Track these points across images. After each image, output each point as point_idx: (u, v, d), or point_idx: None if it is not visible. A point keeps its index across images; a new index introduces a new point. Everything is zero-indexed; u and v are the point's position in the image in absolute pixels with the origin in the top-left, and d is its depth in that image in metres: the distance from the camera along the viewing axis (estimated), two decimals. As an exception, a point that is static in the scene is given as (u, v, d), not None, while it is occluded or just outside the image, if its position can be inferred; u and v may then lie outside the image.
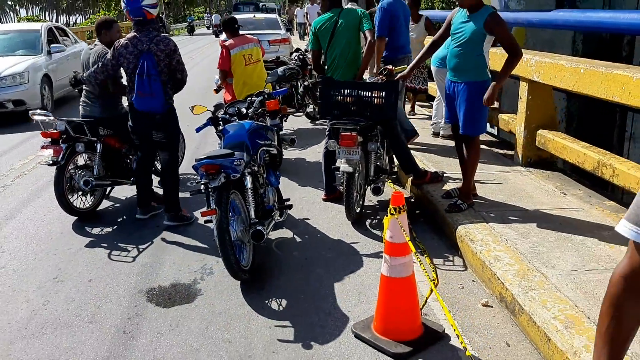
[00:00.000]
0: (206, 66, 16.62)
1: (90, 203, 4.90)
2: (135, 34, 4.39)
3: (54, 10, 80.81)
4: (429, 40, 5.36)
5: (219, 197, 3.36)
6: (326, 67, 4.93)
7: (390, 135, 4.68)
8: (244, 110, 4.41)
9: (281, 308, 3.31)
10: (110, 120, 4.82)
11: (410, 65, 4.48)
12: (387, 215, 2.83)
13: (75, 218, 4.78)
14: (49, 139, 4.49)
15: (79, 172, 4.75)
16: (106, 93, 4.80)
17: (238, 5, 33.11)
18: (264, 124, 4.35)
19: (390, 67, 4.83)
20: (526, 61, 5.00)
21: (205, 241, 4.27)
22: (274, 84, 7.37)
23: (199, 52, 23.53)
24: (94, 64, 4.70)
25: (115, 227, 4.68)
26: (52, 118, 4.57)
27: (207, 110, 4.52)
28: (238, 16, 14.55)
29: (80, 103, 4.93)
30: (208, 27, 44.30)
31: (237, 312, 3.26)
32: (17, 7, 78.80)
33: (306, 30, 24.62)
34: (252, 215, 3.66)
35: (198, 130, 4.37)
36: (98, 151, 4.77)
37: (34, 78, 9.54)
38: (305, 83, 8.26)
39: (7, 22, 68.96)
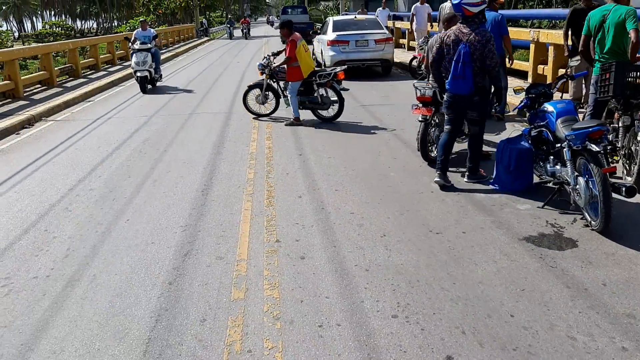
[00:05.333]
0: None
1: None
2: (459, 26, 5.21)
3: (69, 15, 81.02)
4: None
5: (604, 157, 4.18)
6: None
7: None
8: (546, 90, 5.24)
9: None
10: None
11: None
12: None
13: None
14: (421, 103, 5.86)
15: (433, 129, 6.10)
16: None
17: (286, 9, 35.35)
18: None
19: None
20: None
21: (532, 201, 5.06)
22: None
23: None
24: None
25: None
26: (425, 85, 5.87)
27: (524, 90, 5.31)
28: (339, 18, 15.54)
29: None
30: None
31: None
32: (39, 11, 79.34)
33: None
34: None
35: (519, 107, 5.26)
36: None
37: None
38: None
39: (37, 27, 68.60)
